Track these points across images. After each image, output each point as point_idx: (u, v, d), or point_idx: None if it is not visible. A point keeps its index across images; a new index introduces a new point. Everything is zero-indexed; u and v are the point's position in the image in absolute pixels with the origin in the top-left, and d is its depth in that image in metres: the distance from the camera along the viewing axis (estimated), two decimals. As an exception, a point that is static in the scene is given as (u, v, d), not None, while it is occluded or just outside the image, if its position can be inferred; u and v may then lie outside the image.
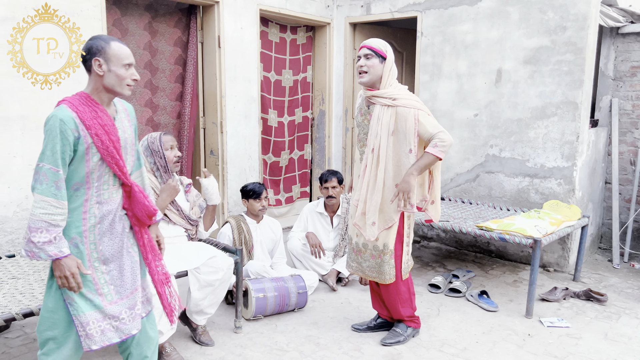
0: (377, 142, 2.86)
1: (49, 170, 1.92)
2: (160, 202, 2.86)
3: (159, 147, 2.91)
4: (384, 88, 2.86)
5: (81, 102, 2.04)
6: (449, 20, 4.82)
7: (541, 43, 4.35)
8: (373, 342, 3.12)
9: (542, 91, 4.37)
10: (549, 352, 3.04)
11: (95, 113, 2.04)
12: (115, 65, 2.04)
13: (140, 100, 4.37)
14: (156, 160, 2.90)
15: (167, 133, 2.99)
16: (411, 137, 2.80)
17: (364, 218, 2.97)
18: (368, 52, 2.84)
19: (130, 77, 2.07)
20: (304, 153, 5.90)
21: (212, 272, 2.88)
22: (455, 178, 4.95)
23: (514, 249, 4.71)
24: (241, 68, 4.78)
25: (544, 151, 4.42)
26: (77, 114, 1.99)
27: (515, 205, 4.59)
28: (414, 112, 2.78)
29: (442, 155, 2.78)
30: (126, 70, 2.06)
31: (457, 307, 3.65)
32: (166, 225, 2.97)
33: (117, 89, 2.06)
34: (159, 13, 4.38)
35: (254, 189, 3.77)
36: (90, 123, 2.01)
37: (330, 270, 4.02)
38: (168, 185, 2.90)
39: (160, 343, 2.76)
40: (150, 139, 2.93)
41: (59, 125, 1.94)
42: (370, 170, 2.91)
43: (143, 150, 2.90)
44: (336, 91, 5.76)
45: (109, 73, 2.04)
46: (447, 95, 4.91)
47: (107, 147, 2.03)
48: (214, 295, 2.95)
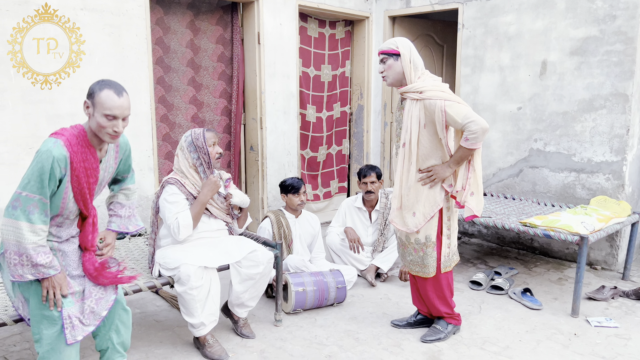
0: (409, 136, 2.84)
1: (40, 200, 2.03)
2: (202, 196, 2.92)
3: (203, 144, 2.95)
4: (411, 82, 2.83)
5: (77, 141, 2.13)
6: (491, 12, 4.71)
7: (589, 33, 4.19)
8: (413, 338, 3.10)
9: (590, 83, 4.22)
10: (596, 353, 2.94)
11: (85, 155, 2.15)
12: (98, 112, 2.11)
13: (185, 98, 4.46)
14: (200, 156, 2.95)
15: (209, 130, 3.03)
16: (440, 129, 2.77)
17: (400, 213, 2.94)
18: (382, 56, 2.86)
19: (111, 128, 2.12)
20: (341, 148, 5.90)
21: (253, 266, 2.92)
22: (497, 173, 4.85)
23: (558, 246, 4.58)
24: (280, 64, 4.82)
25: (592, 145, 4.27)
26: (70, 155, 2.10)
27: (561, 201, 4.46)
28: (439, 103, 2.73)
29: (476, 146, 2.72)
30: (107, 121, 2.11)
31: (499, 305, 3.58)
32: (207, 219, 3.03)
33: (98, 134, 2.15)
34: (201, 11, 4.46)
35: (292, 184, 3.80)
36: (77, 165, 2.12)
37: (369, 266, 4.01)
38: (209, 181, 2.95)
39: (203, 335, 2.83)
40: (194, 135, 2.98)
41: (52, 163, 2.04)
42: (403, 165, 2.89)
43: (187, 145, 2.95)
44: (375, 86, 5.73)
45: (93, 118, 2.13)
46: (490, 89, 4.80)
47: (82, 188, 2.17)
48: (255, 288, 3.00)
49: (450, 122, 2.73)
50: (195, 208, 2.90)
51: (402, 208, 2.93)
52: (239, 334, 3.10)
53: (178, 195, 2.88)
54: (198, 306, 2.74)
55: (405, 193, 2.89)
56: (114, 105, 2.09)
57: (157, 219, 2.99)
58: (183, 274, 2.70)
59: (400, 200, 2.93)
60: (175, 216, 2.84)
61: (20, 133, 3.39)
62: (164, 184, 2.93)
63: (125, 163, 2.46)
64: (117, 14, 3.72)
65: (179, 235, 2.84)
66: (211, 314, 2.81)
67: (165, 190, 2.91)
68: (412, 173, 2.86)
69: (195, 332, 2.81)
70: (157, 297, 3.65)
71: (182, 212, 2.86)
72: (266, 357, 2.87)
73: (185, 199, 2.90)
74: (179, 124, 4.46)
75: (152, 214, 3.00)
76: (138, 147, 3.96)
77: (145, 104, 3.95)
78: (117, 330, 2.36)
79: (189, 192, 2.92)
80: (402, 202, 2.92)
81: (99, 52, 3.66)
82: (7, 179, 3.35)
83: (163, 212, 2.90)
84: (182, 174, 2.96)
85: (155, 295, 3.66)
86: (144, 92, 3.93)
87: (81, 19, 3.55)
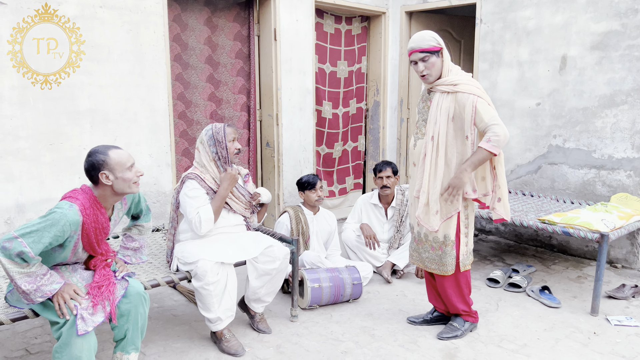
0: (437, 129, 2.79)
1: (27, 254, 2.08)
2: (221, 190, 2.93)
3: (223, 138, 2.96)
4: (445, 76, 2.79)
5: (90, 204, 2.25)
6: (509, 6, 4.65)
7: (610, 27, 4.11)
8: (429, 335, 3.09)
9: (611, 78, 4.15)
10: (616, 352, 2.90)
11: (96, 217, 2.27)
12: (120, 171, 2.24)
13: (203, 95, 4.49)
14: (218, 150, 2.97)
15: (230, 125, 3.04)
16: (468, 124, 2.72)
17: (428, 209, 2.87)
18: (422, 55, 2.73)
19: (135, 176, 2.29)
20: (357, 144, 5.89)
21: (269, 262, 2.93)
22: (515, 170, 4.80)
23: (578, 244, 4.51)
24: (296, 60, 4.82)
25: (612, 141, 4.19)
26: (83, 219, 2.21)
27: (580, 198, 4.39)
28: (472, 98, 2.69)
29: (496, 151, 2.64)
30: (130, 172, 2.27)
31: (516, 303, 3.55)
32: (226, 213, 3.05)
33: (127, 191, 2.30)
34: (218, 8, 4.48)
35: (308, 180, 3.82)
36: (89, 227, 2.24)
37: (385, 262, 4.00)
38: (228, 174, 2.96)
39: (220, 330, 2.85)
40: (215, 129, 2.98)
41: (63, 226, 2.14)
42: (430, 158, 2.83)
43: (207, 139, 2.97)
44: (391, 82, 5.70)
45: (117, 180, 2.25)
46: (508, 84, 4.75)
47: (92, 243, 2.29)
48: (271, 284, 3.01)
49: (477, 119, 2.69)
50: (216, 202, 2.91)
51: (428, 204, 2.87)
52: (255, 329, 3.12)
53: (198, 190, 2.90)
54: (215, 301, 2.76)
55: (431, 186, 2.84)
56: (128, 156, 2.29)
57: (177, 214, 3.01)
58: (200, 269, 2.72)
59: (427, 195, 2.86)
60: (197, 211, 2.86)
61: (41, 129, 3.45)
62: (184, 179, 2.95)
63: (137, 208, 2.62)
64: (135, 11, 3.75)
65: (201, 230, 2.86)
66: (228, 309, 2.83)
67: (185, 186, 2.93)
68: (440, 167, 2.81)
69: (212, 326, 2.84)
70: (174, 291, 3.69)
71: (203, 206, 2.88)
72: (282, 352, 2.88)
73: (205, 194, 2.92)
74: (197, 120, 4.49)
75: (171, 209, 3.03)
76: (155, 143, 4.00)
77: (162, 101, 3.99)
78: (135, 323, 2.41)
79: (209, 186, 2.94)
80: (429, 198, 2.86)
81: (118, 49, 3.70)
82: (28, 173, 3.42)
83: (184, 207, 2.92)
84: (204, 167, 2.98)
85: (173, 290, 3.70)
86: (161, 89, 3.97)
87: (100, 16, 3.59)
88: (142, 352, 2.84)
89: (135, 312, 2.40)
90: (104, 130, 3.72)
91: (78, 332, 2.16)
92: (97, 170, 2.23)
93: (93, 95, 3.63)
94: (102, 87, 3.66)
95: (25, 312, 2.32)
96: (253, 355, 2.83)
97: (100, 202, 2.29)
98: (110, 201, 2.33)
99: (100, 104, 3.68)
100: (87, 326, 2.19)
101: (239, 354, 2.83)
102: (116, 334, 2.43)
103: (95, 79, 3.62)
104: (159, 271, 2.93)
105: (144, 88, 3.87)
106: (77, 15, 3.49)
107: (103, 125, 3.71)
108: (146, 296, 2.47)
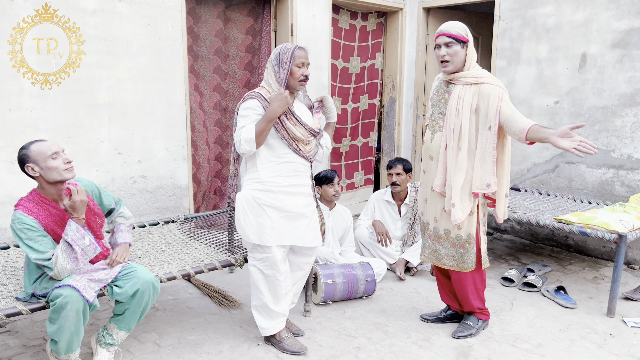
0: (459, 120, 2.76)
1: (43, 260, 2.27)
2: (268, 112, 2.59)
3: (289, 59, 2.64)
4: (467, 70, 2.78)
5: (35, 203, 2.33)
6: (529, 3, 4.59)
7: (632, 25, 4.05)
8: (443, 333, 3.08)
9: (632, 76, 4.08)
10: (632, 354, 2.87)
11: (48, 212, 2.34)
12: (43, 161, 2.28)
13: (210, 85, 4.50)
14: (280, 71, 2.66)
15: (302, 48, 2.70)
16: (492, 115, 2.70)
17: (456, 202, 2.82)
18: (448, 40, 2.72)
19: (63, 163, 2.31)
20: (368, 140, 5.86)
21: (307, 255, 2.92)
22: (532, 168, 4.75)
23: (595, 244, 4.46)
24: (313, 56, 4.81)
25: (632, 141, 4.13)
26: (34, 217, 2.29)
27: (598, 198, 4.34)
28: (498, 90, 2.69)
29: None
30: (55, 160, 2.29)
31: (531, 302, 3.52)
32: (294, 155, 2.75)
33: (59, 178, 2.32)
34: (233, 2, 4.49)
35: (326, 175, 3.84)
36: (45, 222, 2.31)
37: (399, 260, 3.99)
38: (278, 95, 2.61)
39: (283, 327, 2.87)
40: (284, 48, 2.67)
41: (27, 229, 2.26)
42: (451, 151, 2.81)
43: (274, 57, 2.69)
44: (407, 78, 5.67)
45: (43, 170, 2.29)
46: (526, 82, 4.70)
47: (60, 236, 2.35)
48: (302, 282, 3.01)
49: (504, 108, 2.68)
50: (261, 123, 2.59)
51: (452, 198, 2.81)
52: None
53: (251, 109, 2.64)
54: (283, 293, 2.75)
55: (453, 178, 2.79)
56: (48, 146, 2.30)
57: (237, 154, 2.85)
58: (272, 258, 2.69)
59: (451, 190, 2.80)
60: (240, 130, 2.64)
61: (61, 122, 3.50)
62: (245, 98, 2.71)
63: (103, 201, 2.66)
64: (153, 5, 3.78)
65: (240, 148, 2.62)
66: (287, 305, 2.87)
67: (242, 104, 2.70)
68: (461, 159, 2.78)
69: (274, 325, 2.81)
70: (189, 284, 3.72)
71: (248, 125, 2.63)
72: (295, 347, 2.89)
73: (257, 115, 2.64)
74: (204, 110, 4.50)
75: (233, 150, 2.86)
76: (172, 137, 4.02)
77: (180, 95, 4.01)
78: (137, 306, 2.46)
79: None
80: (452, 192, 2.80)
81: (136, 43, 3.73)
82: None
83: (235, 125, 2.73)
84: (270, 86, 2.71)
85: (188, 283, 3.73)
86: (179, 83, 3.99)
87: (119, 10, 3.62)
88: (156, 344, 2.87)
89: (140, 297, 2.44)
90: (122, 123, 3.75)
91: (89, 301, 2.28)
92: (23, 164, 2.30)
93: (111, 88, 3.67)
94: (120, 80, 3.70)
95: (43, 302, 2.36)
96: (266, 349, 2.85)
97: (46, 197, 2.35)
98: (52, 192, 2.36)
99: (118, 98, 3.71)
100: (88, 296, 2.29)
101: (303, 352, 2.79)
102: (116, 307, 2.49)
103: (113, 73, 3.66)
104: (172, 259, 2.94)
105: (161, 82, 3.90)
106: (96, 9, 3.52)
107: (121, 119, 3.75)
108: (157, 285, 2.49)
